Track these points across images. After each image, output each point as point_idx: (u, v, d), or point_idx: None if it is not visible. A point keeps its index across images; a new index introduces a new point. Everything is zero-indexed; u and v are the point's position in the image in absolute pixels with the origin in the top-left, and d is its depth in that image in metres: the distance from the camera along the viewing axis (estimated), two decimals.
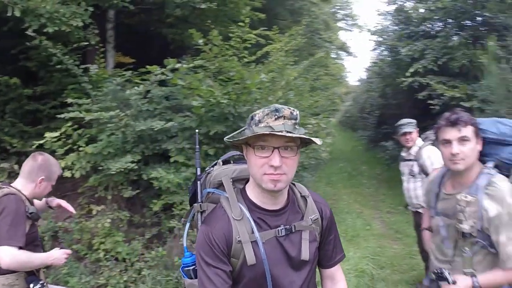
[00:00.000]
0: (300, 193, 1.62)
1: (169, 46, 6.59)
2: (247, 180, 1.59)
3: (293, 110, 1.43)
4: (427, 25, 9.36)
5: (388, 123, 15.10)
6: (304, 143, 1.48)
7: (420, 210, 4.19)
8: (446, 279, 1.88)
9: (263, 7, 7.30)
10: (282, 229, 1.49)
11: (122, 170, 3.99)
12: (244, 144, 1.49)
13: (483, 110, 6.13)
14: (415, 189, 4.26)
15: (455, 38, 7.47)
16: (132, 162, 4.05)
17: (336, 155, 14.25)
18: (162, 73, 4.28)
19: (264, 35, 5.81)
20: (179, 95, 4.64)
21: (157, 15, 6.18)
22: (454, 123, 1.93)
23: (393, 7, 10.34)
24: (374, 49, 13.85)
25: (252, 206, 1.52)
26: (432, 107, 7.15)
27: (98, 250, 4.15)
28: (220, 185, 1.65)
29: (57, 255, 2.36)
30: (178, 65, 4.26)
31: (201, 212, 1.68)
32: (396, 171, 11.41)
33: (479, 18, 7.42)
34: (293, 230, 1.52)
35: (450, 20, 8.28)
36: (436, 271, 1.94)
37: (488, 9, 6.75)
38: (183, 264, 1.70)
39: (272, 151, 1.39)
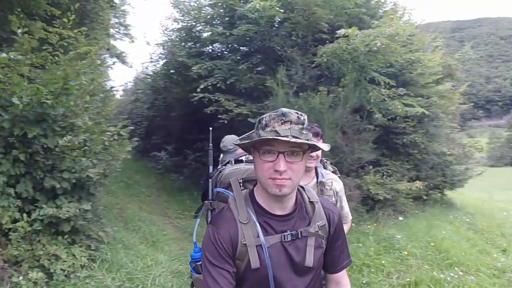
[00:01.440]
0: (309, 198, 1.67)
1: None
2: (256, 182, 1.62)
3: (300, 115, 1.46)
4: (214, 47, 10.66)
5: (157, 134, 16.03)
6: (313, 148, 1.52)
7: None
8: None
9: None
10: (288, 234, 1.54)
11: None
12: (252, 147, 1.54)
13: None
14: None
15: (242, 62, 8.81)
16: None
17: None
18: None
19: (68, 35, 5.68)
20: None
21: None
22: (316, 135, 2.74)
23: (178, 25, 11.25)
24: (152, 62, 14.44)
25: (259, 210, 1.57)
26: (222, 120, 8.32)
27: None
28: (230, 185, 1.69)
29: None
30: (3, 55, 3.87)
31: (211, 210, 1.74)
32: (170, 180, 12.43)
33: (267, 48, 8.84)
34: (299, 236, 1.57)
35: (239, 47, 9.71)
36: None
37: (275, 42, 8.40)
38: (192, 258, 1.76)
39: (277, 156, 1.43)
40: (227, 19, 9.96)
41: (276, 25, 8.67)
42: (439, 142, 10.83)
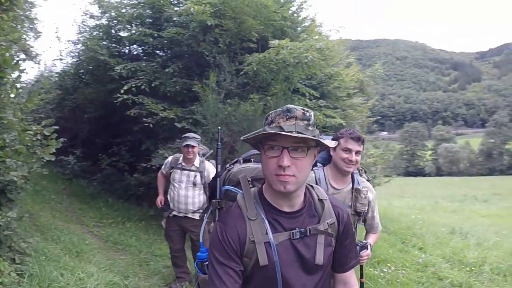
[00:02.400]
0: (318, 196, 1.69)
1: None
2: (265, 180, 1.62)
3: (306, 111, 1.49)
4: (134, 48, 10.34)
5: (62, 136, 14.95)
6: (321, 144, 1.53)
7: (190, 215, 5.09)
8: (367, 247, 2.88)
9: None
10: (297, 231, 1.56)
11: None
12: (259, 144, 1.57)
13: (193, 131, 7.64)
14: (193, 196, 5.04)
15: (168, 65, 8.67)
16: None
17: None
18: None
19: None
20: None
21: None
22: (358, 139, 2.77)
23: (97, 21, 10.76)
24: (61, 59, 13.58)
25: (267, 207, 1.58)
26: (147, 124, 8.09)
27: None
28: (238, 183, 1.71)
29: None
30: None
31: (219, 209, 1.76)
32: (80, 186, 11.75)
33: (194, 52, 8.73)
34: (308, 234, 1.59)
35: (165, 49, 9.51)
36: (361, 244, 2.83)
37: (203, 47, 8.40)
38: (198, 259, 1.78)
39: (282, 151, 1.45)
40: (149, 20, 9.75)
41: (205, 31, 8.67)
42: None
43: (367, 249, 2.93)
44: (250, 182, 1.70)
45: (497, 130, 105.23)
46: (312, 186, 1.73)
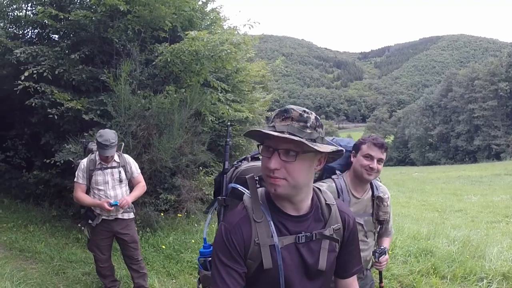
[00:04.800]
0: (325, 200, 1.66)
1: None
2: None
3: (305, 112, 1.44)
4: (34, 31, 9.53)
5: None
6: (309, 148, 1.43)
7: (120, 216, 4.75)
8: (386, 253, 2.82)
9: None
10: (303, 236, 1.54)
11: None
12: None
13: (102, 124, 7.36)
14: (122, 195, 4.71)
15: (73, 51, 8.17)
16: None
17: None
18: None
19: None
20: None
21: None
22: (381, 146, 2.69)
23: None
24: None
25: (274, 209, 1.56)
26: (51, 115, 7.56)
27: None
28: (245, 182, 1.66)
29: None
30: None
31: (224, 207, 1.78)
32: None
33: (103, 39, 8.32)
34: (313, 238, 1.57)
35: (68, 34, 8.89)
36: (379, 250, 2.79)
37: (112, 34, 8.06)
38: (201, 254, 1.79)
39: (272, 153, 1.43)
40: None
41: (114, 16, 8.39)
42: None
43: (385, 254, 2.88)
44: (258, 182, 1.67)
45: (378, 125, 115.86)
46: (320, 190, 1.71)
